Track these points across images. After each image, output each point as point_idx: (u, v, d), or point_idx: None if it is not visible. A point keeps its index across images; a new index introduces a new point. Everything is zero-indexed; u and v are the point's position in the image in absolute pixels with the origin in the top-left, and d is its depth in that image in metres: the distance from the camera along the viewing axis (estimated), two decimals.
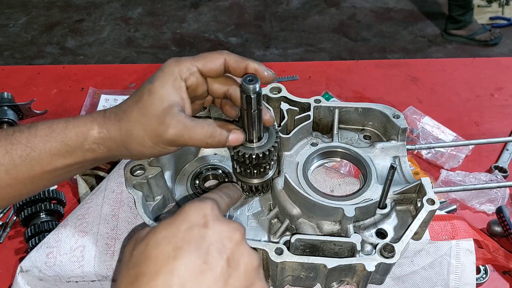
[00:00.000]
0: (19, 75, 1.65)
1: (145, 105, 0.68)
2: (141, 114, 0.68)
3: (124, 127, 0.69)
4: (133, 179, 0.79)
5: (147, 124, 0.67)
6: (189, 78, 0.71)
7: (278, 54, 3.87)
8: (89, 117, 0.71)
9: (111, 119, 0.70)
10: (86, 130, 0.69)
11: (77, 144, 0.69)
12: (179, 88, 0.70)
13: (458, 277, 0.90)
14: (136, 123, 0.68)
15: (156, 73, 0.71)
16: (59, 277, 0.89)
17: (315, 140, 0.90)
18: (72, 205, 1.19)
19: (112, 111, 0.71)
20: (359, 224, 0.79)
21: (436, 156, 1.32)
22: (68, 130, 0.70)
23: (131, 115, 0.69)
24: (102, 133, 0.69)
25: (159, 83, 0.69)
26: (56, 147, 0.69)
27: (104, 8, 4.43)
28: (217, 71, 0.72)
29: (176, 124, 0.67)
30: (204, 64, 0.71)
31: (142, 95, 0.69)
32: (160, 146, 0.69)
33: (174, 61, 0.71)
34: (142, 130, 0.68)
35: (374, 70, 1.66)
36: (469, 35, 3.88)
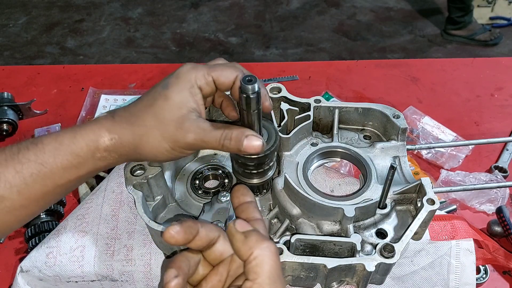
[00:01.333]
0: (19, 75, 1.65)
1: (162, 110, 0.67)
2: (157, 119, 0.67)
3: (137, 132, 0.68)
4: (133, 179, 0.79)
5: (165, 129, 0.67)
6: (204, 88, 0.71)
7: (278, 54, 3.87)
8: (96, 123, 0.70)
9: (122, 124, 0.69)
10: (96, 138, 0.68)
11: (89, 154, 0.68)
12: (196, 95, 0.69)
13: (458, 277, 0.90)
14: (152, 128, 0.67)
15: (170, 79, 0.70)
16: (59, 277, 0.89)
17: (315, 140, 0.90)
18: (72, 205, 1.19)
19: (121, 114, 0.70)
20: (359, 224, 0.79)
21: (436, 156, 1.32)
22: (77, 140, 0.68)
23: (145, 120, 0.68)
24: (114, 140, 0.68)
25: (176, 89, 0.68)
26: (68, 160, 0.68)
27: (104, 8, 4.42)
28: (228, 85, 0.73)
29: (196, 129, 0.67)
30: (219, 76, 0.71)
31: (156, 100, 0.68)
32: (177, 150, 0.69)
33: (191, 67, 0.71)
34: (159, 135, 0.67)
35: (374, 70, 1.66)
36: (469, 35, 3.88)
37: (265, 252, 0.54)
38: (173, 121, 0.67)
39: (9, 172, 0.67)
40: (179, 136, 0.67)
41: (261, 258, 0.54)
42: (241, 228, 0.57)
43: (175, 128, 0.67)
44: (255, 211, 0.64)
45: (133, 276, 0.87)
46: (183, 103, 0.68)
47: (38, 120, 1.46)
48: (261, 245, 0.55)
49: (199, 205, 0.86)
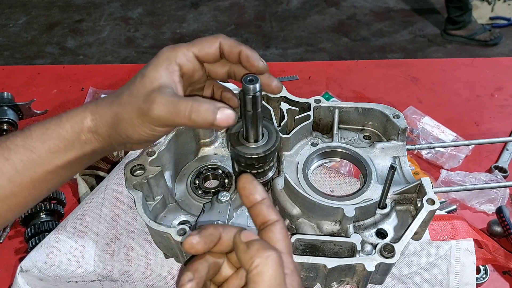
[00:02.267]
0: (19, 75, 1.65)
1: (136, 87, 0.67)
2: (131, 95, 0.67)
3: (114, 110, 0.68)
4: (133, 179, 0.79)
5: (135, 103, 0.66)
6: (185, 64, 0.70)
7: (278, 54, 3.87)
8: (81, 107, 0.70)
9: (103, 105, 0.69)
10: (80, 120, 0.68)
11: (74, 136, 0.68)
12: (172, 72, 0.68)
13: (458, 277, 0.90)
14: (125, 104, 0.67)
15: (151, 60, 0.70)
16: (59, 277, 0.89)
17: (315, 140, 0.90)
18: (72, 205, 1.19)
19: (105, 97, 0.71)
20: (359, 224, 0.79)
21: (436, 156, 1.32)
22: (62, 124, 0.69)
23: (122, 97, 0.68)
24: (95, 120, 0.68)
25: (152, 67, 0.68)
26: (55, 144, 0.68)
27: (104, 8, 4.42)
28: (213, 55, 0.71)
29: (161, 100, 0.64)
30: (200, 49, 0.71)
31: (135, 78, 0.69)
32: (147, 126, 0.66)
33: (170, 47, 0.71)
34: (130, 109, 0.66)
35: (374, 70, 1.66)
36: (469, 35, 3.88)
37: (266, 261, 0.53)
38: (144, 95, 0.66)
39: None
40: (144, 109, 0.65)
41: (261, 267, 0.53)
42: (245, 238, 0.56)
43: (142, 101, 0.65)
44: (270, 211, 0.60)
45: (133, 276, 0.87)
46: (156, 78, 0.67)
47: (38, 120, 1.46)
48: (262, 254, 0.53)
49: (199, 205, 0.86)
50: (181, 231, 0.73)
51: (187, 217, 0.84)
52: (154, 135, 0.69)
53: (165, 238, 0.75)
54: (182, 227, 0.73)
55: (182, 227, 0.73)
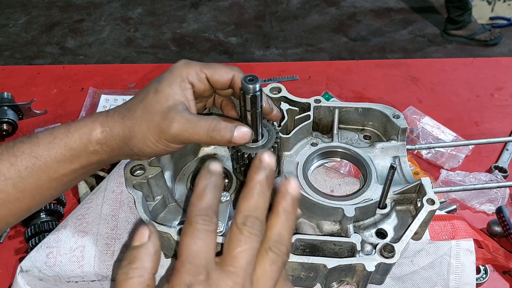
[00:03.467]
0: (19, 75, 1.65)
1: (150, 103, 0.68)
2: (146, 111, 0.68)
3: (127, 124, 0.69)
4: (133, 179, 0.79)
5: (151, 120, 0.67)
6: (197, 84, 0.72)
7: (278, 54, 3.87)
8: (90, 118, 0.71)
9: (115, 118, 0.70)
10: (89, 131, 0.69)
11: (81, 147, 0.69)
12: (186, 90, 0.70)
13: (458, 277, 0.90)
14: (139, 120, 0.68)
15: (164, 74, 0.71)
16: (59, 277, 0.89)
17: (315, 140, 0.90)
18: (72, 205, 1.19)
19: (116, 110, 0.71)
20: (359, 224, 0.79)
21: (436, 156, 1.32)
22: (70, 133, 0.69)
23: (136, 112, 0.69)
24: (105, 132, 0.69)
25: (166, 83, 0.69)
26: (61, 153, 0.69)
27: (104, 8, 4.43)
28: (222, 85, 0.73)
29: (180, 119, 0.66)
30: (213, 74, 0.72)
31: (148, 93, 0.69)
32: (162, 142, 0.68)
33: (184, 63, 0.72)
34: (145, 126, 0.67)
35: (374, 70, 1.66)
36: (469, 35, 3.88)
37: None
38: (159, 112, 0.67)
39: (4, 165, 0.68)
40: (163, 126, 0.66)
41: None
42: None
43: (160, 118, 0.67)
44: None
45: None
46: (171, 95, 0.68)
47: (38, 120, 1.46)
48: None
49: None
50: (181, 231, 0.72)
51: None
52: (168, 150, 0.71)
53: (165, 238, 0.75)
54: (182, 227, 0.73)
55: (182, 227, 0.73)
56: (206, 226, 0.54)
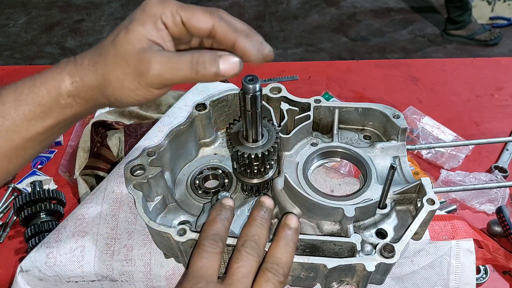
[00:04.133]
0: (19, 75, 1.64)
1: (121, 44, 0.60)
2: (118, 54, 0.60)
3: (100, 71, 0.61)
4: (133, 179, 0.79)
5: (125, 64, 0.60)
6: (171, 26, 0.63)
7: (278, 54, 3.88)
8: (56, 68, 0.63)
9: (84, 66, 0.62)
10: (57, 84, 0.62)
11: (52, 101, 0.62)
12: (161, 30, 0.62)
13: (458, 277, 0.90)
14: (113, 65, 0.60)
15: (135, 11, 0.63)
16: (59, 277, 0.89)
17: (315, 140, 0.90)
18: (72, 205, 1.19)
19: (85, 55, 0.63)
20: (359, 224, 0.79)
21: (436, 156, 1.32)
22: (37, 88, 0.62)
23: (107, 57, 0.61)
24: (76, 83, 0.62)
25: (138, 22, 0.61)
26: (30, 110, 0.62)
27: (104, 8, 4.43)
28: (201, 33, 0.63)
29: (159, 58, 0.58)
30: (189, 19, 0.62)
31: (118, 33, 0.61)
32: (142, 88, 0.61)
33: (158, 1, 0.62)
34: (120, 72, 0.60)
35: (374, 70, 1.66)
36: (469, 35, 3.89)
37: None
38: (133, 54, 0.59)
39: None
40: (141, 69, 0.59)
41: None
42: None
43: (136, 61, 0.59)
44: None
45: (133, 276, 0.87)
46: (144, 35, 0.60)
47: None
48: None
49: (199, 205, 0.86)
50: (181, 231, 0.73)
51: (187, 217, 0.84)
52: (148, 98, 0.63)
53: (165, 238, 0.75)
54: (182, 227, 0.73)
55: (182, 227, 0.73)
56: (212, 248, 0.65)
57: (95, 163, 1.24)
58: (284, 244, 0.67)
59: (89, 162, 1.27)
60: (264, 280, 0.65)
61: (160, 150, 0.83)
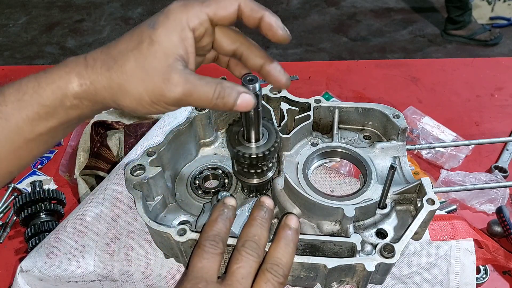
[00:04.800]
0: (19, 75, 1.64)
1: (145, 57, 0.59)
2: (140, 67, 0.59)
3: (116, 79, 0.59)
4: (133, 179, 0.79)
5: (149, 80, 0.59)
6: (197, 28, 0.61)
7: (278, 54, 3.88)
8: (65, 67, 0.61)
9: (96, 68, 0.60)
10: (64, 85, 0.60)
11: (56, 102, 0.60)
12: (186, 40, 0.60)
13: (458, 277, 0.90)
14: (133, 77, 0.59)
15: (159, 18, 0.61)
16: (59, 277, 0.89)
17: (315, 140, 0.90)
18: (72, 205, 1.19)
19: (96, 57, 0.61)
20: (359, 224, 0.79)
21: (436, 156, 1.32)
22: (41, 88, 0.60)
23: (126, 65, 0.59)
24: (85, 85, 0.60)
25: (164, 32, 0.60)
26: (34, 111, 0.60)
27: (104, 8, 4.43)
28: (230, 19, 0.63)
29: (184, 83, 0.59)
30: (216, 11, 0.62)
31: (141, 42, 0.60)
32: (160, 105, 0.61)
33: (182, 5, 0.61)
34: (141, 86, 0.59)
35: (374, 70, 1.66)
36: (469, 35, 3.89)
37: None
38: (160, 72, 0.58)
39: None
40: (164, 90, 0.59)
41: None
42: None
43: (161, 80, 0.58)
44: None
45: (133, 276, 0.87)
46: (171, 49, 0.59)
47: None
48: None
49: (199, 205, 0.86)
50: (181, 231, 0.73)
51: (187, 217, 0.84)
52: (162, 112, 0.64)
53: (165, 238, 0.75)
54: (182, 227, 0.73)
55: (182, 227, 0.73)
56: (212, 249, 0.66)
57: (95, 163, 1.24)
58: (284, 244, 0.67)
59: (89, 162, 1.27)
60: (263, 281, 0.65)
61: (160, 150, 0.83)
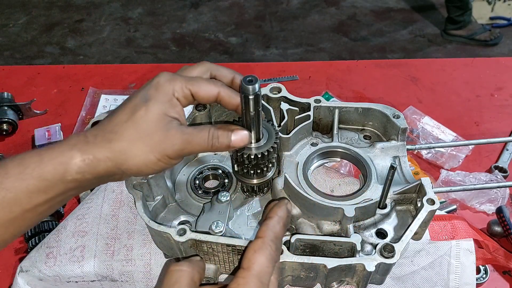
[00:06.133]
0: (19, 75, 1.65)
1: (142, 122, 0.66)
2: (140, 131, 0.66)
3: (118, 148, 0.65)
4: (133, 179, 0.79)
5: (149, 140, 0.66)
6: (182, 100, 0.70)
7: (278, 54, 3.88)
8: (66, 145, 0.66)
9: (97, 143, 0.65)
10: (66, 161, 0.64)
11: (57, 177, 0.64)
12: (175, 106, 0.69)
13: (458, 277, 0.90)
14: (133, 141, 0.65)
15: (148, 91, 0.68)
16: (59, 277, 0.89)
17: (315, 140, 0.90)
18: (72, 205, 1.19)
19: (95, 134, 0.67)
20: (359, 224, 0.79)
21: (436, 156, 1.32)
22: (43, 164, 0.64)
23: (125, 134, 0.66)
24: (88, 160, 0.64)
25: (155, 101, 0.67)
26: (34, 184, 0.64)
27: (104, 8, 4.43)
28: (208, 101, 0.73)
29: (181, 135, 0.67)
30: (197, 92, 0.71)
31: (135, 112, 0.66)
32: (164, 161, 0.67)
33: (168, 79, 0.69)
34: (143, 147, 0.66)
35: (374, 70, 1.66)
36: (469, 35, 3.89)
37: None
38: (158, 131, 0.66)
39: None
40: (165, 145, 0.66)
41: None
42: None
43: (161, 138, 0.66)
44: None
45: (133, 276, 0.87)
46: (163, 113, 0.67)
47: (38, 120, 1.47)
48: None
49: (199, 205, 0.86)
50: (181, 231, 0.73)
51: (187, 217, 0.84)
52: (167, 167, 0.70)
53: (165, 238, 0.75)
54: (182, 227, 0.73)
55: (182, 227, 0.73)
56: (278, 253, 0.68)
57: None
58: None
59: None
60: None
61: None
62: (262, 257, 0.64)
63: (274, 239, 0.67)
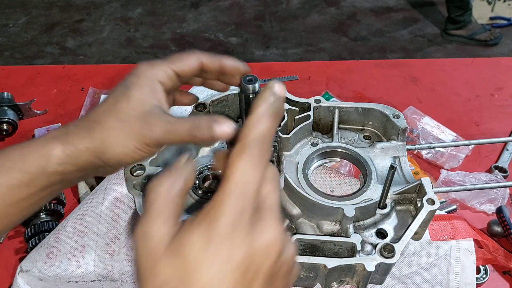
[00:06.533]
0: (19, 75, 1.65)
1: (123, 111, 0.64)
2: (119, 119, 0.64)
3: (98, 137, 0.64)
4: (133, 179, 0.79)
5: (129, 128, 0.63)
6: (166, 82, 0.69)
7: (278, 54, 3.88)
8: (47, 137, 0.65)
9: (78, 133, 0.64)
10: (47, 152, 0.63)
11: (39, 169, 0.63)
12: (157, 91, 0.67)
13: (458, 277, 0.90)
14: (113, 129, 0.64)
15: (129, 79, 0.67)
16: (59, 277, 0.89)
17: (315, 140, 0.90)
18: (72, 205, 1.19)
19: (76, 124, 0.66)
20: (359, 224, 0.79)
21: (436, 156, 1.32)
22: (24, 156, 0.63)
23: (106, 123, 0.64)
24: (68, 150, 0.63)
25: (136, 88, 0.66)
26: (16, 178, 0.62)
27: (104, 8, 4.43)
28: (194, 72, 0.71)
29: (161, 123, 0.63)
30: (181, 66, 0.69)
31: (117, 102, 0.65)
32: (144, 149, 0.65)
33: (147, 65, 0.68)
34: (122, 135, 0.63)
35: (374, 70, 1.66)
36: (469, 35, 3.88)
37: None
38: (137, 118, 0.63)
39: None
40: (145, 132, 0.63)
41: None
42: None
43: (141, 124, 0.63)
44: None
45: (133, 276, 0.87)
46: (144, 100, 0.65)
47: (38, 120, 1.47)
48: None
49: None
50: None
51: (187, 217, 0.84)
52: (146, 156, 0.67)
53: None
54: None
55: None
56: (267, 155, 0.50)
57: None
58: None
59: None
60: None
61: (160, 150, 0.83)
62: (241, 161, 0.47)
63: (259, 137, 0.48)
